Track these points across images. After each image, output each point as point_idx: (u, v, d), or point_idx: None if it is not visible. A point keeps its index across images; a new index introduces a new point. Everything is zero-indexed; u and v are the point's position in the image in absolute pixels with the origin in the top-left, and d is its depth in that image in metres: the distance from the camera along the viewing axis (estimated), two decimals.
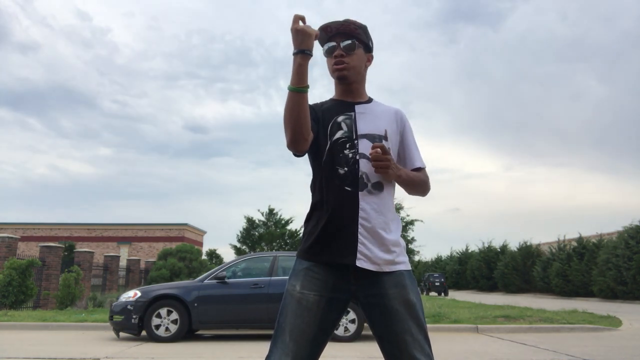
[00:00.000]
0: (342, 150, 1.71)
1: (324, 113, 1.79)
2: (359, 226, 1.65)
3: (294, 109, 1.57)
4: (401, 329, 1.62)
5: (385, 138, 1.75)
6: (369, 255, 1.64)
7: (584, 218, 78.50)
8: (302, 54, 1.59)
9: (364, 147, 1.71)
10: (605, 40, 72.43)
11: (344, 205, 1.67)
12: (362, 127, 1.75)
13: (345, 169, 1.69)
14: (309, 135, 1.64)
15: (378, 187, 1.69)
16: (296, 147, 1.63)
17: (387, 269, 1.67)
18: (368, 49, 1.83)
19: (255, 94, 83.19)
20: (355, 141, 1.72)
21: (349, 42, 1.76)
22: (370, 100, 1.86)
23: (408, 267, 1.73)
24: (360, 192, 1.67)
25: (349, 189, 1.67)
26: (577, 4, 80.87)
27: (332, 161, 1.71)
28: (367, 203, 1.67)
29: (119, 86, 65.45)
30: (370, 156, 1.65)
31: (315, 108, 1.81)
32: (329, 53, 1.80)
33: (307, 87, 1.59)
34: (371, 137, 1.73)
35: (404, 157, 1.84)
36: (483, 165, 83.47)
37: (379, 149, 1.62)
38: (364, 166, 1.69)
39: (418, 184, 1.80)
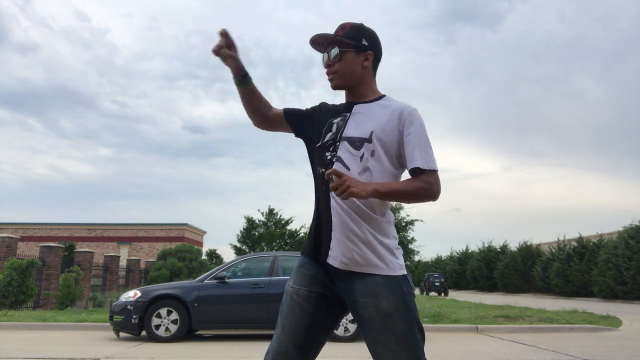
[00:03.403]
0: (325, 152, 1.75)
1: (329, 113, 1.84)
2: (332, 224, 1.68)
3: (242, 98, 1.85)
4: (372, 338, 1.61)
5: (369, 140, 1.70)
6: (337, 254, 1.66)
7: (584, 218, 78.54)
8: (238, 84, 1.82)
9: (342, 150, 1.72)
10: (603, 40, 72.49)
11: (323, 205, 1.72)
12: (348, 130, 1.75)
13: (323, 170, 1.73)
14: (257, 115, 1.87)
15: None
16: (253, 121, 1.90)
17: (357, 269, 1.64)
18: (360, 48, 1.78)
19: None
20: (338, 143, 1.74)
21: (333, 52, 1.79)
22: (379, 98, 1.82)
23: (389, 272, 1.64)
24: (330, 194, 1.69)
25: (324, 188, 1.72)
26: (576, 4, 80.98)
27: (317, 162, 1.77)
28: (336, 205, 1.68)
29: (118, 87, 65.51)
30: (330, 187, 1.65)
31: (316, 110, 1.89)
32: (322, 64, 1.85)
33: (245, 81, 1.80)
34: (351, 140, 1.72)
35: (403, 156, 1.77)
36: (482, 165, 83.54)
37: (332, 176, 1.59)
38: (336, 168, 1.70)
39: (410, 193, 1.66)
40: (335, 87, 1.82)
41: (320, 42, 1.82)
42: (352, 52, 1.78)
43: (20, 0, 56.82)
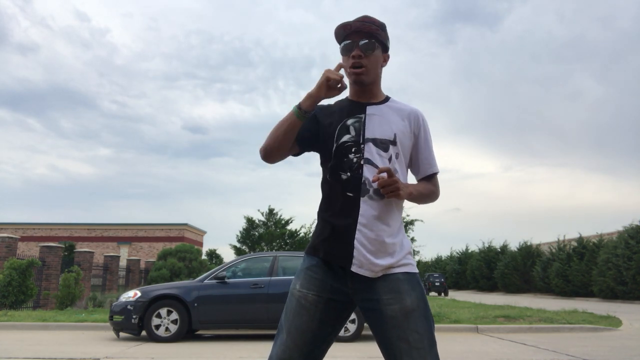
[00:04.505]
0: (347, 154, 1.67)
1: (335, 114, 1.75)
2: (357, 232, 1.62)
3: (288, 130, 1.67)
4: (396, 336, 1.57)
5: (394, 143, 1.69)
6: (364, 262, 1.61)
7: (584, 218, 78.57)
8: (303, 115, 1.66)
9: (370, 151, 1.67)
10: (603, 40, 72.49)
11: (344, 211, 1.65)
12: (370, 131, 1.68)
13: (349, 174, 1.66)
14: (283, 154, 1.73)
15: (380, 193, 1.63)
16: (267, 159, 1.73)
17: (382, 274, 1.63)
18: (385, 48, 1.76)
19: (254, 94, 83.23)
20: (362, 145, 1.67)
21: (367, 42, 1.69)
22: (386, 99, 1.79)
23: (410, 270, 1.65)
24: (361, 198, 1.64)
25: (350, 194, 1.65)
26: (575, 5, 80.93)
27: (336, 165, 1.69)
28: (367, 209, 1.63)
29: (118, 87, 65.47)
30: (375, 184, 1.60)
31: (321, 112, 1.79)
32: (345, 51, 1.72)
33: (306, 117, 1.67)
34: (378, 142, 1.67)
35: (416, 160, 1.78)
36: (482, 165, 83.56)
37: (384, 174, 1.56)
38: (368, 172, 1.65)
39: (428, 196, 1.77)
40: (359, 81, 1.72)
41: (347, 28, 1.71)
42: (379, 50, 1.74)
43: (20, 0, 56.88)
